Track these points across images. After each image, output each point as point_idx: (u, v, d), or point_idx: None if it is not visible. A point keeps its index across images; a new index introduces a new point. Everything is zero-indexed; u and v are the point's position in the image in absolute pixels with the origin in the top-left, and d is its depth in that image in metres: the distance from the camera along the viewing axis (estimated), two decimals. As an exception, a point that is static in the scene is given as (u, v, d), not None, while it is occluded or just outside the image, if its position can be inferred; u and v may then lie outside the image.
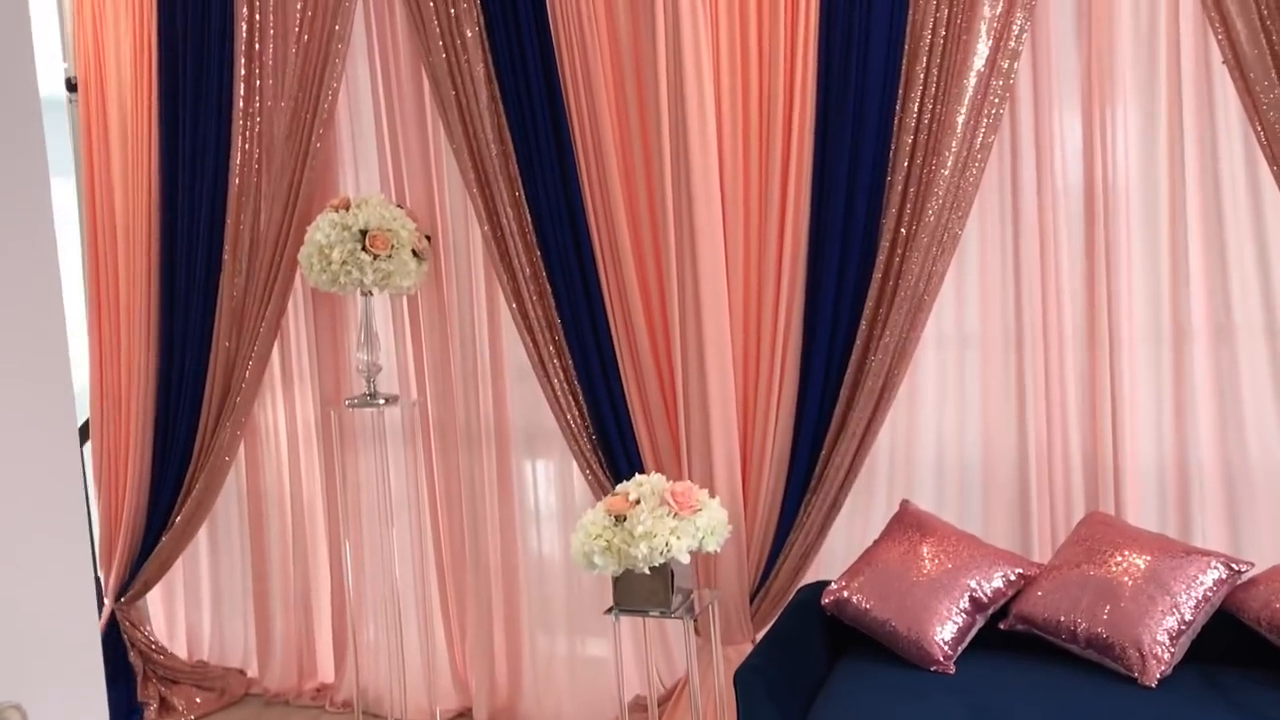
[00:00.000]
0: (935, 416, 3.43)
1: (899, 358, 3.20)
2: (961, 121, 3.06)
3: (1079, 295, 3.24)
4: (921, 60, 3.07)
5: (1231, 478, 3.12)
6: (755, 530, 3.37)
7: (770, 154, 3.25)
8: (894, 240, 3.15)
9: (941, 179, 3.08)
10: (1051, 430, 3.26)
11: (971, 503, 3.34)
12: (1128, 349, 3.20)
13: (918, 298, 3.15)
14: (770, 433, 3.32)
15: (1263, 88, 2.81)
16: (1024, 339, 3.31)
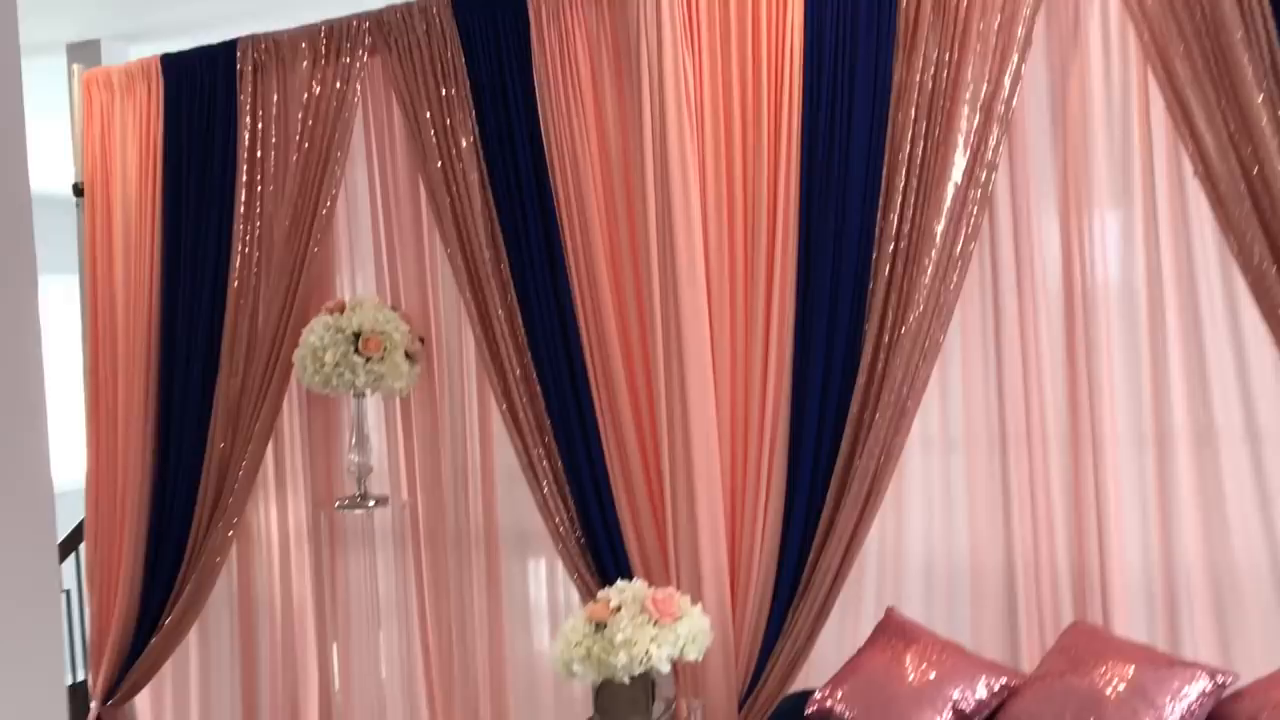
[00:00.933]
0: (922, 520, 3.43)
1: (885, 461, 3.21)
2: (940, 230, 3.11)
3: (1061, 399, 3.27)
4: (901, 172, 3.15)
5: (1218, 585, 3.11)
6: (743, 637, 3.35)
7: (755, 264, 3.31)
8: (877, 346, 3.19)
9: (922, 286, 3.13)
10: (1038, 535, 3.26)
11: (959, 609, 3.33)
12: (1111, 453, 3.21)
13: (901, 402, 3.18)
14: (758, 537, 3.32)
15: (1233, 200, 2.87)
16: (1008, 442, 3.33)
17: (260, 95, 3.97)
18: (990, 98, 3.08)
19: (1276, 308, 2.85)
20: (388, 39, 3.82)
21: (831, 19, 3.23)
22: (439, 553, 3.91)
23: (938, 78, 3.11)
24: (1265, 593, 3.07)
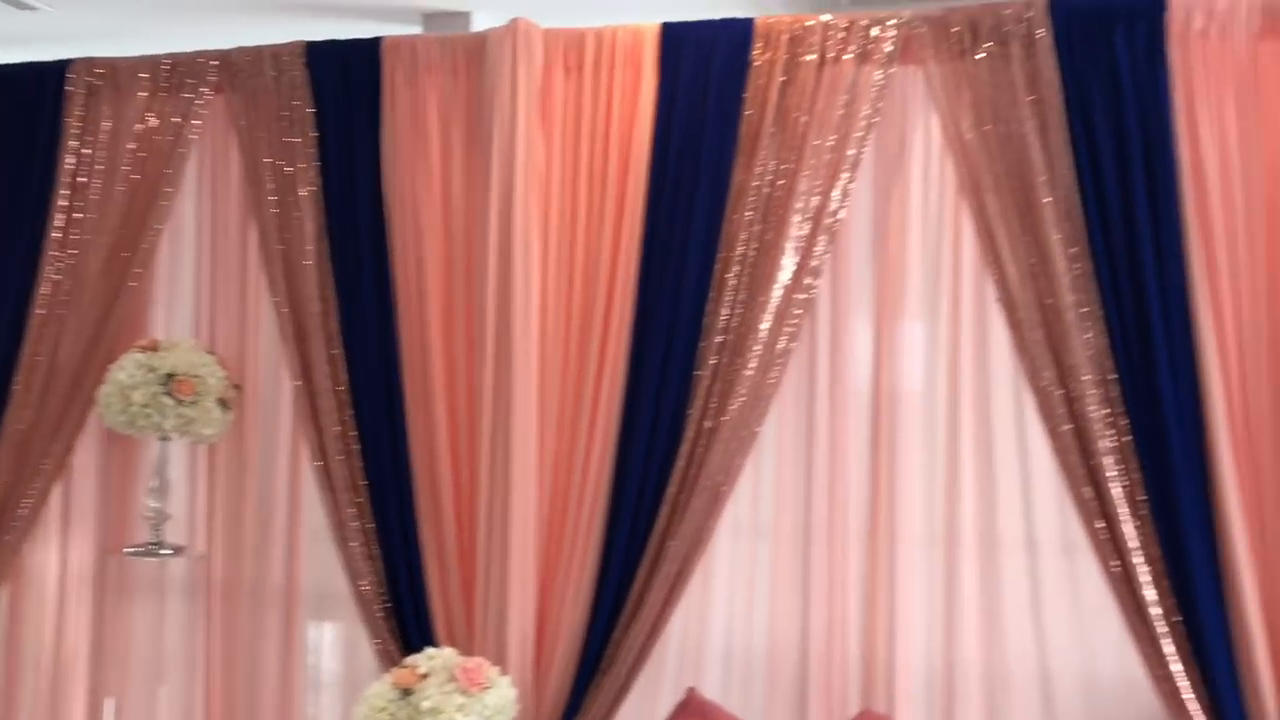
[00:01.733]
0: (725, 604, 3.54)
1: (695, 544, 3.31)
2: (766, 328, 3.27)
3: (864, 496, 3.45)
4: (733, 269, 3.30)
5: (991, 683, 3.33)
6: (542, 713, 3.35)
7: (588, 343, 3.39)
8: (698, 432, 3.30)
9: (745, 379, 3.27)
10: (832, 625, 3.42)
11: (755, 693, 3.44)
12: (905, 551, 3.42)
13: (717, 488, 3.29)
14: (566, 612, 3.35)
15: (1028, 327, 3.13)
16: (812, 533, 3.49)
17: (89, 120, 3.83)
18: (820, 209, 3.29)
19: (1058, 427, 3.11)
20: (234, 79, 3.77)
21: (680, 115, 3.38)
22: (234, 609, 3.77)
23: (774, 185, 3.30)
24: (1032, 694, 3.31)
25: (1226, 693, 2.95)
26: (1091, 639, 3.29)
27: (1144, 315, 3.04)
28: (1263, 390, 3.01)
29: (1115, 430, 3.06)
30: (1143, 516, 3.04)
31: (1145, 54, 3.06)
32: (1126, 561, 3.03)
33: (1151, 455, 3.04)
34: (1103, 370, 3.07)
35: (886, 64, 3.28)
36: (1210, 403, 2.99)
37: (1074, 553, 3.29)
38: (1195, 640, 2.98)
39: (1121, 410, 3.06)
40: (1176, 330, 3.03)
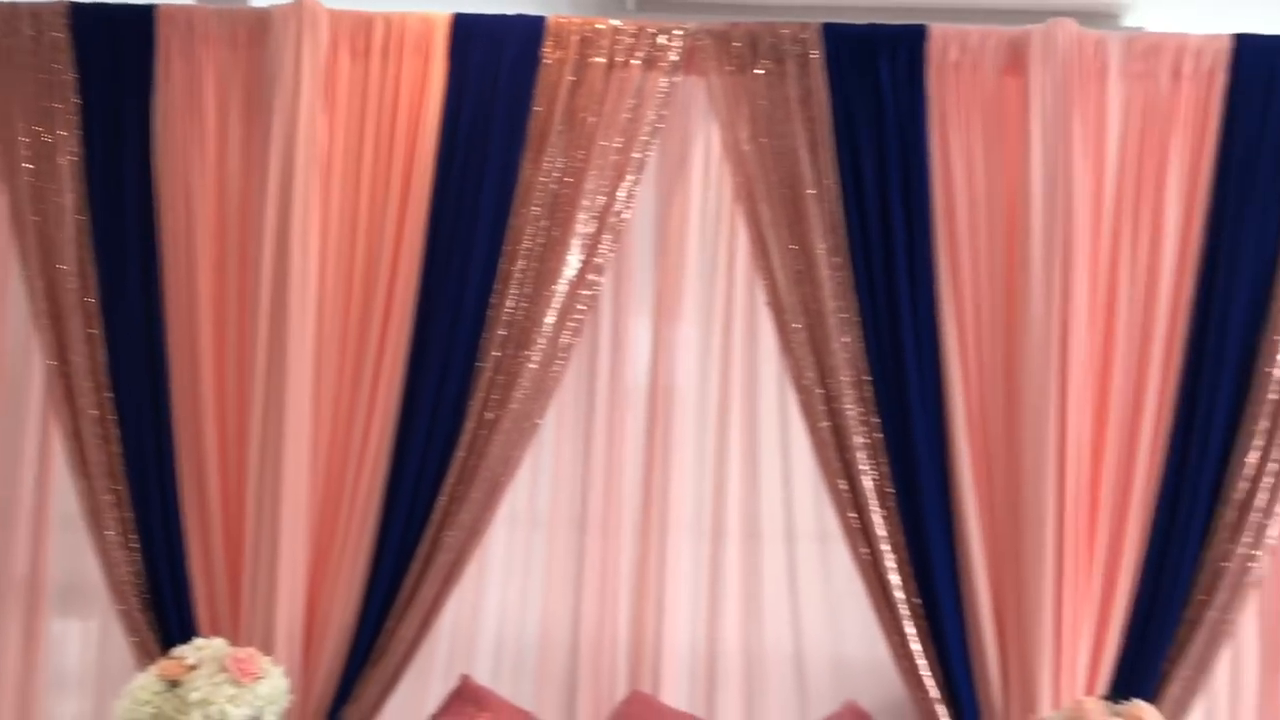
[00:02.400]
0: (499, 594, 3.60)
1: (472, 535, 3.33)
2: (549, 322, 3.34)
3: (638, 489, 3.59)
4: (519, 262, 3.35)
5: (750, 661, 3.54)
6: (310, 704, 3.30)
7: (368, 331, 3.34)
8: (479, 423, 3.33)
9: (527, 371, 3.33)
10: (604, 613, 3.54)
11: (525, 679, 3.51)
12: (674, 541, 3.57)
13: (496, 479, 3.33)
14: (338, 603, 3.30)
15: (793, 329, 3.33)
16: (587, 525, 3.60)
17: None
18: (605, 208, 3.38)
19: (818, 423, 3.32)
20: (-14, 37, 3.51)
21: (469, 107, 3.39)
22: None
23: (562, 182, 3.36)
24: (787, 674, 3.53)
25: (958, 669, 3.24)
26: (842, 623, 3.55)
27: (896, 321, 3.30)
28: (997, 395, 3.31)
29: (868, 427, 3.30)
30: (890, 507, 3.29)
31: (906, 80, 3.32)
32: (875, 549, 3.27)
33: (899, 451, 3.30)
34: (858, 371, 3.30)
35: (671, 72, 3.41)
36: (951, 405, 3.28)
37: (828, 541, 3.53)
38: (933, 621, 3.26)
39: (874, 409, 3.30)
40: (924, 336, 3.30)
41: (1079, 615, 3.23)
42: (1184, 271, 3.31)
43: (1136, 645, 3.27)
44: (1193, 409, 3.28)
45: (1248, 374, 3.30)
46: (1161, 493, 3.29)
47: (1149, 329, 3.30)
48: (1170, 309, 3.30)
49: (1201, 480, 3.28)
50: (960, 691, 3.24)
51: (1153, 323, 3.30)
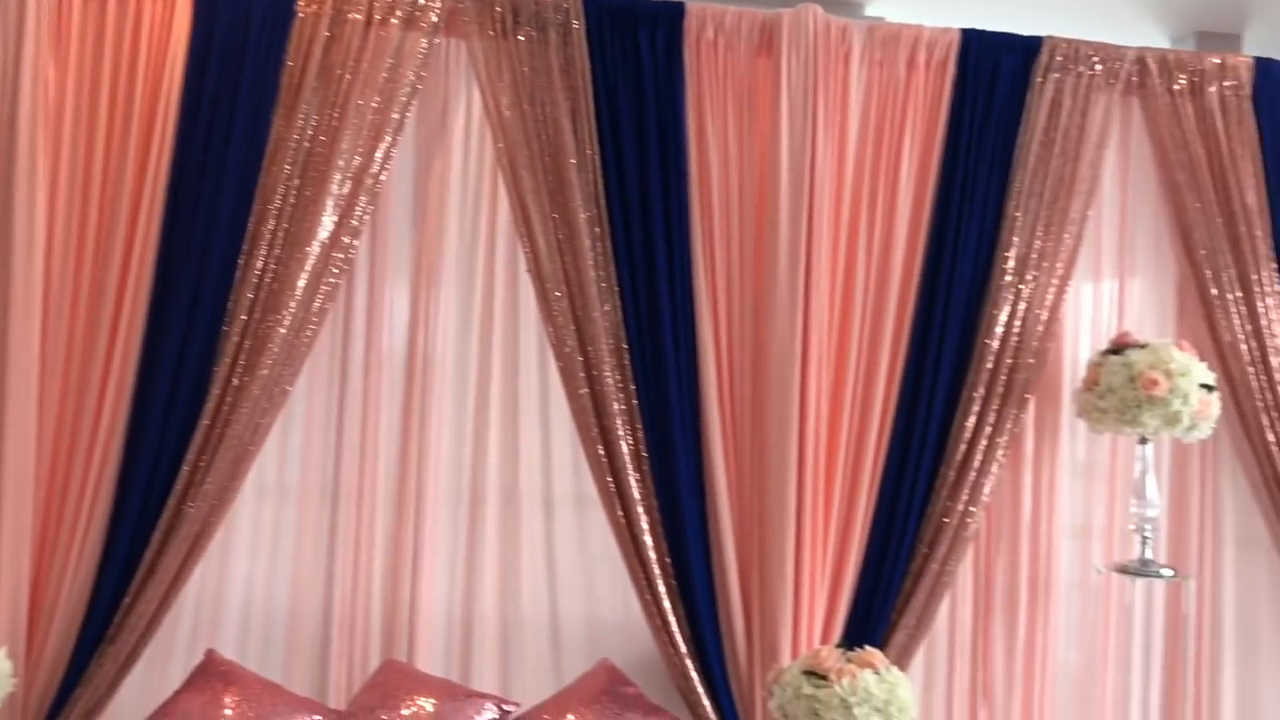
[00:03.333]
0: (246, 567, 3.47)
1: (218, 506, 3.20)
2: (302, 286, 3.24)
3: (394, 458, 3.53)
4: (269, 222, 3.22)
5: (506, 625, 3.56)
6: (36, 685, 3.09)
7: (103, 291, 3.15)
8: (225, 389, 3.20)
9: (278, 336, 3.22)
10: (357, 583, 3.47)
11: (274, 653, 3.40)
12: (431, 509, 3.54)
13: (243, 448, 3.21)
14: (68, 580, 3.10)
15: (554, 299, 3.36)
16: (340, 494, 3.51)
17: None
18: (361, 169, 3.30)
19: (577, 390, 3.37)
20: None
21: (217, 58, 3.24)
22: None
23: (315, 140, 3.26)
24: (542, 630, 3.58)
25: (706, 626, 3.38)
26: (597, 585, 3.62)
27: (654, 292, 3.39)
28: (746, 366, 3.46)
29: (625, 395, 3.38)
30: (644, 472, 3.39)
31: (665, 54, 3.40)
32: (630, 512, 3.36)
33: (655, 418, 3.39)
34: (617, 340, 3.38)
35: (432, 33, 3.36)
36: (704, 374, 3.41)
37: (585, 507, 3.60)
38: (683, 581, 3.38)
39: (632, 377, 3.38)
40: (681, 307, 3.40)
41: (816, 573, 3.43)
42: (914, 248, 3.56)
43: (867, 598, 3.51)
44: (919, 377, 3.54)
45: (968, 345, 3.59)
46: (890, 456, 3.53)
47: (883, 302, 3.53)
48: (902, 284, 3.54)
49: (926, 444, 3.55)
50: (708, 646, 3.38)
51: (886, 297, 3.53)
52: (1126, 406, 3.43)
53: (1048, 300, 3.65)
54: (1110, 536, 3.88)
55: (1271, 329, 3.78)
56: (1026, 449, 3.77)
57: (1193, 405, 3.42)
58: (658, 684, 3.40)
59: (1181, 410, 3.41)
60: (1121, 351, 3.52)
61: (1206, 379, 3.50)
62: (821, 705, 2.70)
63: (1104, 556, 3.84)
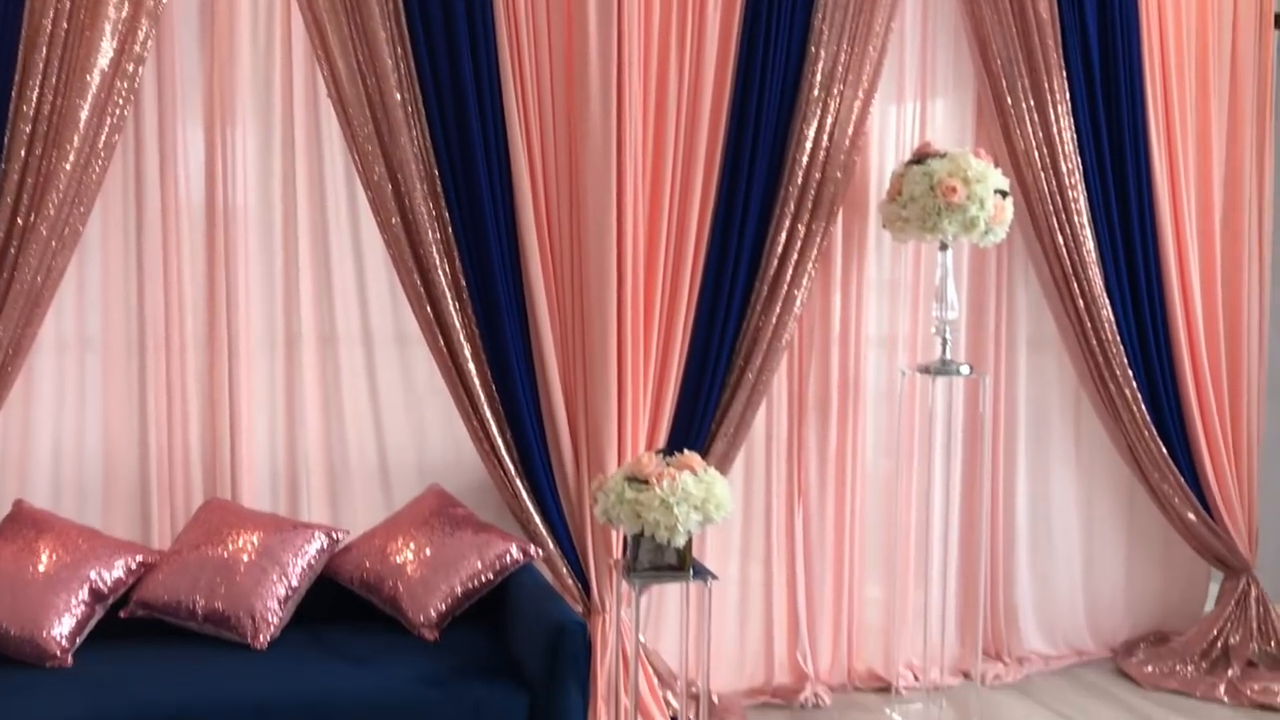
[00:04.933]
0: (53, 419, 3.34)
1: (14, 354, 3.06)
2: (84, 118, 3.04)
3: (200, 304, 3.42)
4: (41, 50, 3.00)
5: (332, 464, 3.56)
6: None
7: None
8: (9, 231, 3.02)
9: (63, 173, 3.04)
10: (173, 429, 3.39)
11: (91, 502, 3.32)
12: (245, 355, 3.46)
13: (36, 292, 3.06)
14: None
15: (359, 121, 3.26)
16: (146, 344, 3.40)
17: None
18: (139, -10, 3.09)
19: (390, 219, 3.31)
20: None
21: None
22: None
23: (87, -41, 3.03)
24: (369, 467, 3.59)
25: (534, 447, 3.44)
26: (423, 420, 3.63)
27: (463, 113, 3.31)
28: (562, 188, 3.45)
29: (439, 223, 3.34)
30: (464, 300, 3.38)
31: None
32: (451, 341, 3.36)
33: (471, 245, 3.37)
34: (428, 166, 3.31)
35: None
36: (520, 199, 3.38)
37: (406, 344, 3.58)
38: (508, 404, 3.42)
39: (445, 203, 3.33)
40: (491, 128, 3.35)
41: (639, 389, 3.52)
42: (724, 69, 3.58)
43: (688, 410, 3.64)
44: (733, 194, 3.62)
45: (779, 162, 3.67)
46: (706, 273, 3.62)
47: (695, 120, 3.56)
48: (714, 101, 3.57)
49: (741, 259, 3.65)
50: (536, 466, 3.45)
51: (699, 114, 3.55)
52: (927, 214, 3.58)
53: (854, 114, 3.74)
54: (914, 344, 4.11)
55: (1062, 136, 3.99)
56: (836, 264, 3.92)
57: (988, 210, 3.58)
58: (491, 508, 3.47)
59: (978, 215, 3.57)
60: (923, 161, 3.66)
61: (1001, 184, 3.67)
62: (643, 507, 2.80)
63: (908, 362, 4.06)
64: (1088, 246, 4.04)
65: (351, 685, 2.64)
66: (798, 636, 4.02)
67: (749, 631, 4.02)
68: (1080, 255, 4.03)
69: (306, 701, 2.57)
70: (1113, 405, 4.18)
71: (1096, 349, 4.11)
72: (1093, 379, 4.17)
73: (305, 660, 2.76)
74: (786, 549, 4.00)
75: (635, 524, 2.82)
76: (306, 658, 2.78)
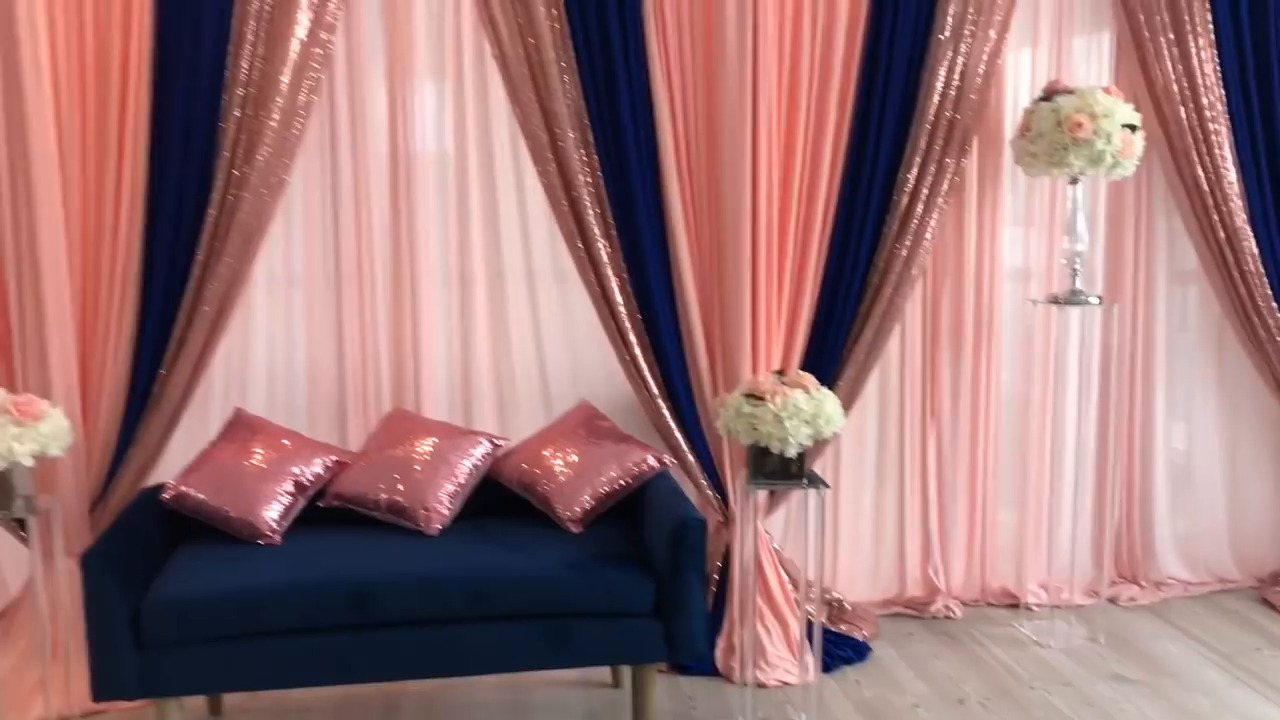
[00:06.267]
0: (266, 342, 3.89)
1: (233, 284, 3.59)
2: (286, 81, 3.53)
3: (386, 243, 3.89)
4: (250, 23, 3.49)
5: (500, 382, 4.01)
6: (95, 448, 3.58)
7: (107, 98, 3.46)
8: (228, 180, 3.54)
9: (269, 129, 3.53)
10: (365, 351, 3.90)
11: (297, 411, 3.86)
12: (425, 287, 3.92)
13: (249, 232, 3.58)
14: (110, 356, 3.54)
15: (519, 79, 3.65)
16: (342, 279, 3.89)
17: None
18: (330, -32, 3.55)
19: (547, 165, 3.69)
20: None
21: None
22: None
23: (286, -58, 3.51)
24: (532, 385, 4.02)
25: (675, 369, 3.79)
26: (578, 343, 4.03)
27: (610, 69, 3.66)
28: (700, 132, 3.76)
29: (589, 168, 3.70)
30: (612, 238, 3.74)
31: None
32: (601, 274, 3.73)
33: (618, 187, 3.72)
34: (580, 116, 3.67)
35: None
36: (662, 144, 3.71)
37: (563, 279, 3.97)
38: (652, 332, 3.78)
39: (594, 150, 3.69)
40: (636, 80, 3.68)
41: (771, 317, 3.81)
42: (857, 11, 3.78)
43: (819, 338, 3.90)
44: (864, 133, 3.84)
45: (910, 101, 3.86)
46: (839, 211, 3.86)
47: (829, 62, 3.78)
48: (847, 40, 3.78)
49: (872, 196, 3.87)
50: (677, 388, 3.80)
51: (832, 55, 3.77)
52: (1054, 149, 3.71)
53: (985, 55, 3.89)
54: (1049, 275, 4.23)
55: (1204, 69, 4.01)
56: (970, 198, 4.09)
57: (1115, 145, 3.68)
58: (638, 426, 3.84)
59: (1105, 150, 3.67)
60: (1051, 98, 3.77)
61: (1130, 119, 3.75)
62: (758, 420, 3.11)
63: (1043, 292, 4.19)
64: (1230, 179, 4.06)
65: (505, 566, 3.07)
66: (929, 553, 4.26)
67: (883, 548, 4.28)
68: (1221, 189, 4.06)
69: (468, 577, 3.01)
70: (1256, 338, 4.20)
71: (1239, 281, 4.14)
72: (1236, 312, 4.21)
73: (468, 545, 3.21)
74: (920, 470, 4.23)
75: (751, 436, 3.14)
76: (469, 543, 3.22)
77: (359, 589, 2.95)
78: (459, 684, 3.65)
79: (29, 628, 3.53)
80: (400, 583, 2.99)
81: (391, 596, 2.96)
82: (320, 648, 2.95)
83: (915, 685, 3.69)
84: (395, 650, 2.96)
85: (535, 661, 3.06)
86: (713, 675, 3.74)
